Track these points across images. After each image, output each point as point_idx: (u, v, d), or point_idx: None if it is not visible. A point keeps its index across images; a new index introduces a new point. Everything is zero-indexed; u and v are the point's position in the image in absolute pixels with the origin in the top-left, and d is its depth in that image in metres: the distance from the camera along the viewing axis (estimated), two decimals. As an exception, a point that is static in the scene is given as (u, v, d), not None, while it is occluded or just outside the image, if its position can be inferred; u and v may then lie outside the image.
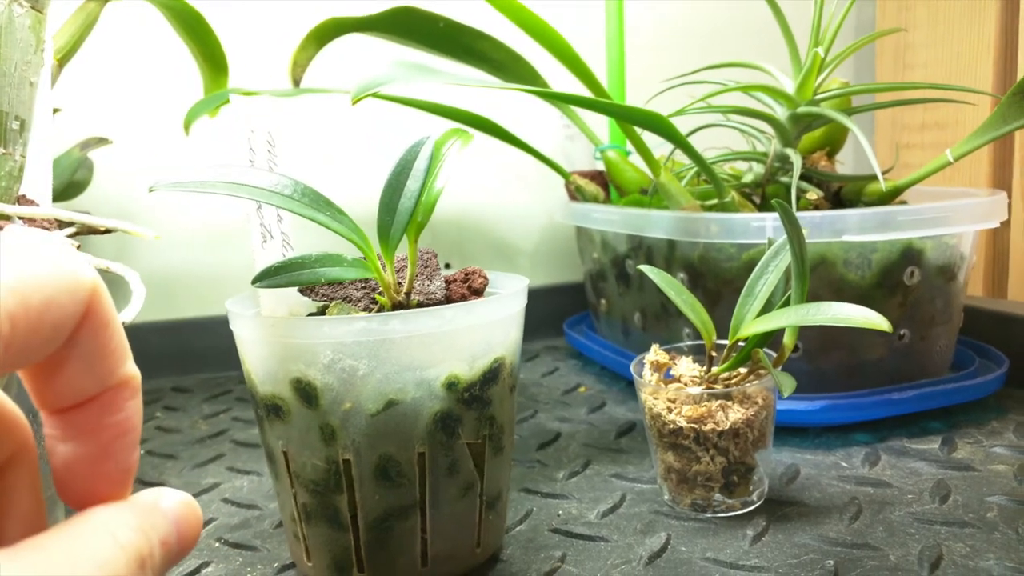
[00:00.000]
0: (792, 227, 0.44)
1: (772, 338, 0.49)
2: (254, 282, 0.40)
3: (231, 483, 0.59)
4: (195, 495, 0.57)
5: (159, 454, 0.65)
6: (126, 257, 0.87)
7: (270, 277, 0.40)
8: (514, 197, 0.99)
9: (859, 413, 0.60)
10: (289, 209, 0.39)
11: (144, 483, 0.59)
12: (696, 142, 0.74)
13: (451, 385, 0.40)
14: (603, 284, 0.82)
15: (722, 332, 0.51)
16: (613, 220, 0.74)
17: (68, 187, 0.78)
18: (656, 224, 0.66)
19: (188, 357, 0.90)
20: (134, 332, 0.87)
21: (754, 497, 0.50)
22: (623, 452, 0.61)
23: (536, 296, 0.99)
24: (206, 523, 0.52)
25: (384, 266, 0.43)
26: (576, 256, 0.92)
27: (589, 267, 0.86)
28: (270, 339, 0.40)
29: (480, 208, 0.97)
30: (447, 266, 0.97)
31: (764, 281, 0.49)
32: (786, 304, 0.48)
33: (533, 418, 0.70)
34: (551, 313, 0.97)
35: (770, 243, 0.50)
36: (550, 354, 0.91)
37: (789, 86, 0.64)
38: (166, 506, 0.22)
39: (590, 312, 0.91)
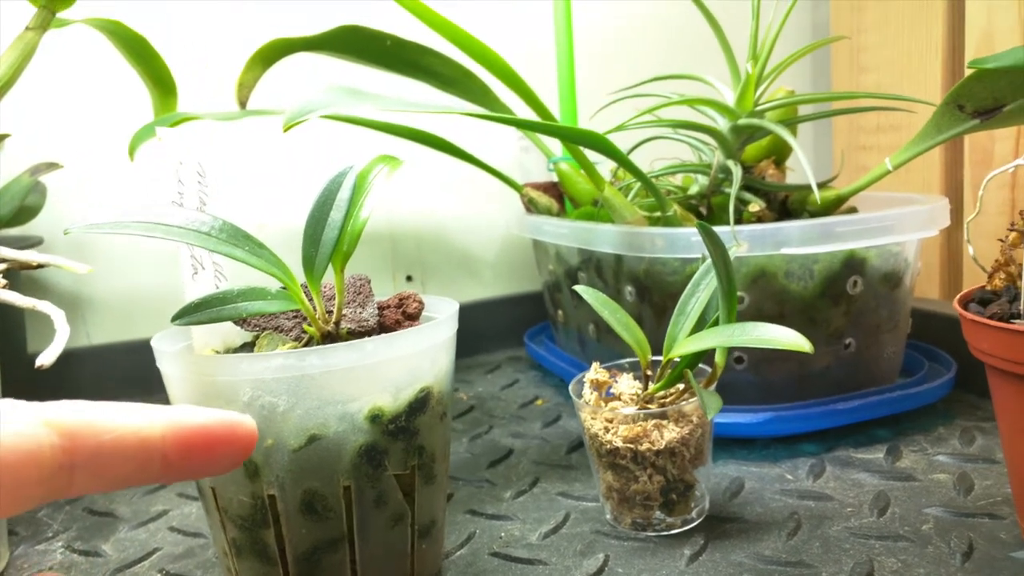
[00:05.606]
0: (715, 247, 0.44)
1: (707, 354, 0.49)
2: (174, 320, 0.40)
3: (180, 510, 0.59)
4: (143, 523, 0.57)
5: (111, 481, 0.65)
6: (85, 278, 0.87)
7: (189, 315, 0.40)
8: (475, 208, 0.98)
9: (804, 424, 0.61)
10: (206, 247, 0.39)
11: (93, 512, 0.59)
12: (649, 154, 0.74)
13: (375, 418, 0.40)
14: (559, 295, 0.82)
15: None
16: (563, 233, 0.74)
17: (19, 212, 0.78)
18: (602, 238, 0.66)
19: (154, 377, 0.89)
20: (100, 353, 0.86)
21: (694, 514, 0.51)
22: (572, 468, 0.61)
23: (499, 306, 1.00)
24: (150, 553, 0.52)
25: (311, 297, 0.43)
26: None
27: (546, 278, 0.86)
28: (191, 377, 0.40)
29: (441, 219, 0.97)
30: (408, 279, 0.97)
31: (696, 299, 0.49)
32: (717, 323, 0.48)
33: (487, 434, 0.70)
34: (514, 323, 0.97)
35: (703, 259, 0.51)
36: (512, 365, 0.91)
37: (730, 98, 0.64)
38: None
39: (550, 323, 0.91)
